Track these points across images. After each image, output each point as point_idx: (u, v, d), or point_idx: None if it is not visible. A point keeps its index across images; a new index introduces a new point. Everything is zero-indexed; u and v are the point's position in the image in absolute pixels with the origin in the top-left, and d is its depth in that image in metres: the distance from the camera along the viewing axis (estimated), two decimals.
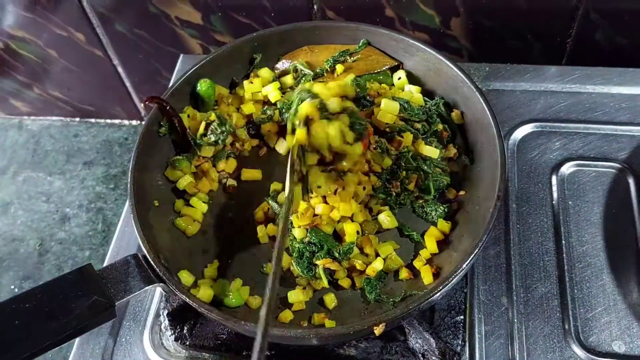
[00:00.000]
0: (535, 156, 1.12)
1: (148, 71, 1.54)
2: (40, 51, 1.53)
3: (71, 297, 0.77)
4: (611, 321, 0.94)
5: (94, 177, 1.64)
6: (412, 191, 0.98)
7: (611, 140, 1.13)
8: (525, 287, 0.98)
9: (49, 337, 0.74)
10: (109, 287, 0.80)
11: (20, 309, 0.75)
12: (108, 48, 1.49)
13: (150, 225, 0.91)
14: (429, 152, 0.98)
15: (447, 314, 0.95)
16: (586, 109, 1.18)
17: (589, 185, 1.08)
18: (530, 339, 0.93)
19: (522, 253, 1.01)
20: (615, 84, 1.20)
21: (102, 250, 1.51)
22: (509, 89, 1.22)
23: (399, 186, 0.98)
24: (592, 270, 0.99)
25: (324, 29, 1.11)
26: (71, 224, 1.56)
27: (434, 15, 1.27)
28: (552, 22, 1.26)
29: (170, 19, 1.38)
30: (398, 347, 0.91)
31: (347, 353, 0.92)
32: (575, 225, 1.04)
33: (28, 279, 1.48)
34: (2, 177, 1.67)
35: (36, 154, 1.71)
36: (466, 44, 1.33)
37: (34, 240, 1.54)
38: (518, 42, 1.31)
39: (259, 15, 1.33)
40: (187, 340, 0.95)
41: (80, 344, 0.98)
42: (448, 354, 0.89)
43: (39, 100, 1.70)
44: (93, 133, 1.73)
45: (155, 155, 1.01)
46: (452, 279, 0.81)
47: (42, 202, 1.61)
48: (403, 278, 0.91)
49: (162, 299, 0.99)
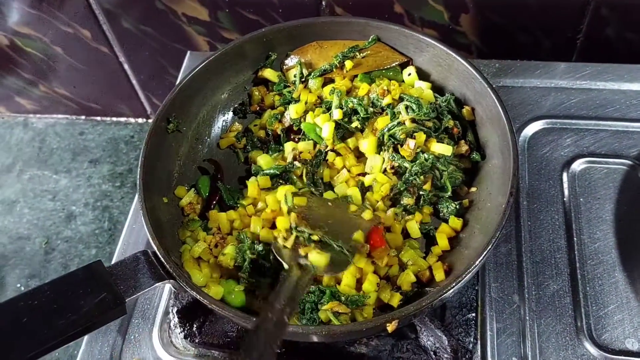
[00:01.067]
0: (546, 153, 1.11)
1: (154, 68, 1.53)
2: (46, 48, 1.52)
3: (80, 294, 0.76)
4: (624, 319, 0.93)
5: (100, 175, 1.63)
6: (429, 191, 0.97)
7: (622, 136, 1.12)
8: (536, 285, 0.97)
9: (58, 335, 0.73)
10: (119, 284, 0.79)
11: (29, 306, 0.74)
12: (114, 45, 1.48)
13: (159, 222, 0.90)
14: (442, 149, 0.97)
15: (459, 311, 0.94)
16: (597, 106, 1.17)
17: (600, 182, 1.07)
18: (543, 336, 0.92)
19: (534, 250, 1.01)
20: (626, 80, 1.19)
21: (108, 248, 1.51)
22: (519, 86, 1.21)
23: (416, 192, 0.97)
24: (604, 268, 0.98)
25: (334, 24, 1.10)
26: (77, 222, 1.56)
27: (443, 11, 1.26)
28: (562, 18, 1.25)
29: (177, 16, 1.38)
30: (409, 345, 0.91)
31: (358, 351, 0.91)
32: (587, 222, 1.03)
33: (34, 277, 1.48)
34: (7, 175, 1.66)
35: (42, 152, 1.70)
36: (475, 40, 1.32)
37: (40, 238, 1.54)
38: (528, 39, 1.30)
39: (266, 12, 1.33)
40: (196, 338, 0.95)
41: (89, 342, 0.98)
42: (460, 351, 0.89)
43: (44, 98, 1.70)
44: (99, 131, 1.73)
45: (164, 152, 1.00)
46: (465, 276, 0.80)
47: (48, 200, 1.60)
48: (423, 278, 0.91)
49: (171, 297, 0.98)
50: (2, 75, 1.63)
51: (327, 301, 0.85)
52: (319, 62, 1.10)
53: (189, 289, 0.81)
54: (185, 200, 1.00)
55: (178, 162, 1.03)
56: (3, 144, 1.73)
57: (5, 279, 1.47)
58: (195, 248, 0.93)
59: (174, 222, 0.98)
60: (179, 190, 1.01)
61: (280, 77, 1.12)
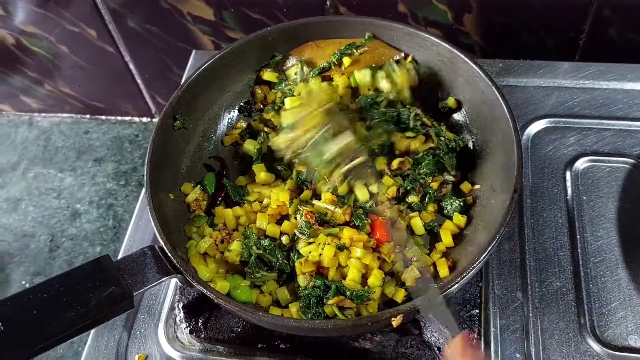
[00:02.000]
0: (549, 151, 1.12)
1: (159, 67, 1.54)
2: (52, 47, 1.53)
3: (89, 288, 0.77)
4: (627, 316, 0.93)
5: (104, 173, 1.64)
6: (435, 189, 0.98)
7: (625, 135, 1.13)
8: (540, 282, 0.98)
9: (67, 327, 0.74)
10: (126, 278, 0.80)
11: (39, 298, 0.75)
12: (120, 44, 1.49)
13: (165, 218, 0.91)
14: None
15: (463, 307, 0.94)
16: (600, 105, 1.17)
17: (603, 181, 1.08)
18: (546, 333, 0.93)
19: (537, 248, 1.01)
20: (629, 80, 1.20)
21: (112, 246, 1.52)
22: (522, 85, 1.22)
23: (422, 190, 0.98)
24: (607, 265, 0.98)
25: (338, 23, 1.11)
26: (82, 220, 1.57)
27: (446, 11, 1.27)
28: (565, 18, 1.26)
29: (183, 15, 1.39)
30: (413, 341, 0.91)
31: (362, 346, 0.92)
32: (590, 220, 1.04)
33: (39, 275, 1.49)
34: (12, 173, 1.67)
35: (47, 151, 1.71)
36: (478, 40, 1.33)
37: (45, 236, 1.55)
38: (531, 38, 1.31)
39: (271, 11, 1.34)
40: (201, 333, 0.95)
41: (95, 337, 0.98)
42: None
43: (49, 97, 1.71)
44: (103, 130, 1.74)
45: (170, 148, 1.01)
46: (469, 272, 0.81)
47: (53, 198, 1.61)
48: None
49: (176, 292, 0.99)
50: (7, 74, 1.64)
51: (333, 296, 0.85)
52: (316, 60, 1.11)
53: (195, 283, 0.82)
54: (191, 197, 1.01)
55: (184, 159, 1.04)
56: (8, 143, 1.74)
57: (11, 276, 1.48)
58: (202, 244, 0.94)
59: (180, 218, 0.99)
60: (185, 186, 1.02)
61: (281, 77, 1.13)
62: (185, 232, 0.98)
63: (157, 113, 1.71)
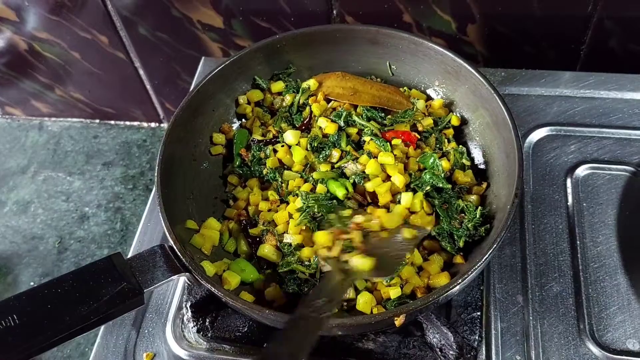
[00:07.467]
0: (550, 159, 1.14)
1: (168, 74, 1.57)
2: (64, 53, 1.56)
3: (101, 284, 0.79)
4: (625, 320, 0.95)
5: (112, 177, 1.67)
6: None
7: (625, 144, 1.15)
8: (540, 286, 0.99)
9: (80, 321, 0.76)
10: (137, 275, 0.82)
11: (53, 293, 0.77)
12: (130, 51, 1.52)
13: (175, 217, 0.93)
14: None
15: (464, 310, 0.96)
16: (600, 114, 1.20)
17: (603, 188, 1.10)
18: (546, 336, 0.94)
19: (537, 253, 1.03)
20: (629, 89, 1.22)
21: (119, 248, 1.53)
22: (525, 94, 1.24)
23: (463, 217, 0.97)
24: (607, 270, 1.00)
25: (345, 32, 1.14)
26: (90, 222, 1.59)
27: (450, 21, 1.30)
28: (566, 29, 1.28)
29: (193, 23, 1.42)
30: (416, 342, 0.93)
31: (365, 347, 0.93)
32: (590, 226, 1.05)
33: (47, 276, 1.51)
34: (22, 176, 1.70)
35: (56, 155, 1.74)
36: (482, 50, 1.36)
37: (53, 238, 1.57)
38: (533, 49, 1.33)
39: (278, 20, 1.37)
40: (208, 332, 0.97)
41: (104, 335, 1.00)
42: (465, 348, 0.91)
43: (60, 102, 1.74)
44: (112, 135, 1.76)
45: (181, 150, 1.03)
46: (471, 274, 0.82)
47: (62, 201, 1.64)
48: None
49: (184, 292, 1.01)
50: (19, 78, 1.67)
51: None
52: (335, 90, 1.12)
53: (203, 281, 0.84)
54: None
55: (194, 162, 1.07)
56: (19, 146, 1.77)
57: (19, 277, 1.51)
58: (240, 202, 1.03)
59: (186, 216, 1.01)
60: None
61: (289, 83, 1.15)
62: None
63: (165, 119, 1.74)
